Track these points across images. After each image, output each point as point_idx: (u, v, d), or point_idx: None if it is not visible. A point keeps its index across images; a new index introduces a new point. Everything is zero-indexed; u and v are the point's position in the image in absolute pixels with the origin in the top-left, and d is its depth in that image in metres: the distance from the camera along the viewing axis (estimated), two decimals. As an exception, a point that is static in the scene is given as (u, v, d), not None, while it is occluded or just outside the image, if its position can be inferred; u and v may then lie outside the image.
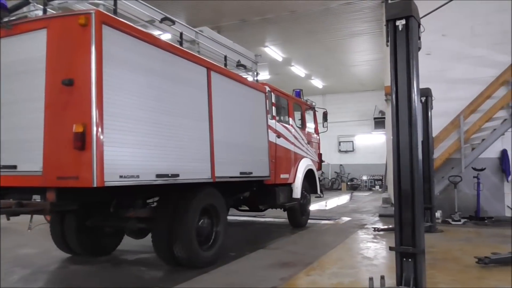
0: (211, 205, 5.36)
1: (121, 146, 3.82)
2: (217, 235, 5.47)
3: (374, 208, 12.07)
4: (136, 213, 5.03)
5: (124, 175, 3.82)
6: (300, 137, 8.58)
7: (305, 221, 8.64)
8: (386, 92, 10.75)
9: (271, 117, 7.33)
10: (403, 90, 3.60)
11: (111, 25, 3.85)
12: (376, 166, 21.71)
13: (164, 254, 4.93)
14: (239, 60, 7.12)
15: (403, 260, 3.52)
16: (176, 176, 4.54)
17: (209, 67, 5.39)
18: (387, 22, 3.71)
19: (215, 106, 5.38)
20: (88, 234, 5.54)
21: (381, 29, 12.83)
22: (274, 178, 7.15)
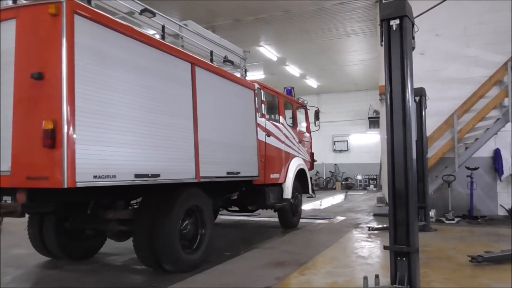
0: (196, 207, 5.15)
1: (95, 144, 3.60)
2: (203, 238, 5.24)
3: (369, 207, 12.10)
4: (116, 215, 4.81)
5: (99, 175, 3.60)
6: (291, 135, 8.39)
7: (296, 222, 8.46)
8: (381, 91, 10.79)
9: (260, 115, 7.14)
10: (397, 90, 3.62)
11: (84, 15, 3.61)
12: (371, 165, 21.79)
13: (145, 258, 4.71)
14: (226, 56, 6.85)
15: (397, 259, 3.54)
16: (157, 176, 4.32)
17: (194, 62, 5.17)
18: (381, 22, 3.72)
19: (200, 103, 5.17)
20: (68, 236, 5.32)
21: (375, 29, 12.87)
22: (263, 178, 6.99)
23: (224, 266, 5.19)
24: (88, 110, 3.55)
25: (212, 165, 5.36)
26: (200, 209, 5.22)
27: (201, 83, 5.25)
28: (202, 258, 5.16)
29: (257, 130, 6.81)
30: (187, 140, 4.92)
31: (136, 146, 4.09)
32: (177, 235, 4.67)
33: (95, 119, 3.61)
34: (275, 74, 18.07)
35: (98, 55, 3.75)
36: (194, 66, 5.16)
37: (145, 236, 4.55)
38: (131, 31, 4.21)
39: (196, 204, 5.14)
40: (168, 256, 4.57)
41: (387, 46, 3.69)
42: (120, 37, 4.03)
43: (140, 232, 4.62)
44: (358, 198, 16.76)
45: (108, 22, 3.93)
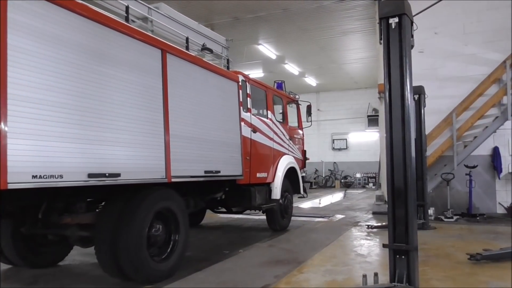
0: (167, 209, 4.62)
1: (34, 139, 3.11)
2: (176, 244, 4.72)
3: (368, 206, 12.12)
4: (75, 220, 4.36)
5: (40, 175, 3.11)
6: (280, 132, 7.89)
7: (286, 223, 7.94)
8: (380, 90, 10.78)
9: (245, 109, 6.63)
10: (396, 88, 3.62)
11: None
12: (370, 163, 21.79)
13: (108, 267, 4.21)
14: (204, 44, 6.24)
15: (396, 257, 3.54)
16: (116, 176, 3.83)
17: (164, 49, 4.65)
18: (380, 20, 3.72)
19: (172, 95, 4.68)
20: (27, 242, 4.84)
21: (374, 27, 12.86)
22: (248, 177, 6.52)
23: (223, 264, 5.19)
24: (25, 99, 3.06)
25: (186, 163, 4.88)
26: (173, 212, 4.70)
27: (174, 72, 4.74)
28: (174, 267, 4.65)
29: (241, 126, 6.33)
30: (156, 135, 4.41)
31: (89, 141, 3.60)
32: (143, 241, 4.15)
33: (35, 109, 3.13)
34: (274, 72, 18.04)
35: (39, 35, 3.23)
36: (165, 53, 4.64)
37: (107, 242, 4.06)
38: (82, 9, 3.66)
39: (167, 207, 4.61)
40: (132, 265, 4.07)
41: (386, 44, 3.68)
42: (68, 15, 3.53)
43: (101, 238, 4.12)
44: (357, 196, 16.78)
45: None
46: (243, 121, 6.42)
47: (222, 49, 6.97)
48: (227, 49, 7.16)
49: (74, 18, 3.58)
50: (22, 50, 3.09)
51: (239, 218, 9.75)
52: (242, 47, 15.17)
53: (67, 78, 3.46)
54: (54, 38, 3.38)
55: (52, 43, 3.35)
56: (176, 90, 4.76)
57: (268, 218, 7.70)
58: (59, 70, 3.39)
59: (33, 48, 3.18)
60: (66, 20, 3.50)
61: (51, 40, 3.34)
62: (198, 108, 5.23)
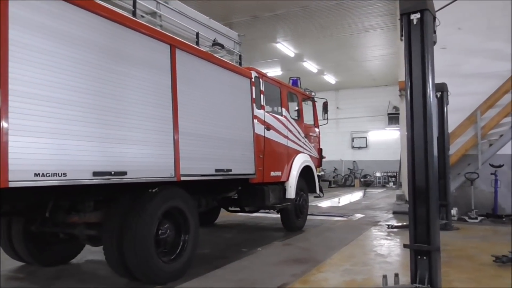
0: (176, 209, 4.49)
1: (37, 136, 3.03)
2: (185, 245, 4.58)
3: (388, 205, 11.95)
4: (82, 218, 4.29)
5: (42, 173, 3.03)
6: (295, 130, 7.70)
7: (301, 224, 7.72)
8: (400, 87, 10.61)
9: (258, 106, 6.47)
10: (418, 85, 3.54)
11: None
12: (390, 162, 21.49)
13: (116, 266, 4.15)
14: (215, 39, 6.07)
15: (418, 257, 3.47)
16: (123, 174, 3.73)
17: (174, 44, 4.51)
18: (401, 16, 3.64)
19: (182, 91, 4.55)
20: (38, 240, 4.81)
21: (394, 23, 12.64)
22: (262, 176, 6.36)
23: (241, 262, 5.21)
24: (27, 95, 2.99)
25: (196, 161, 4.74)
26: (182, 212, 4.57)
27: (183, 68, 4.61)
28: (184, 267, 4.53)
29: (254, 123, 6.16)
30: (164, 133, 4.29)
31: (94, 139, 3.49)
32: (151, 241, 4.06)
33: (36, 106, 3.05)
34: (292, 70, 17.96)
35: (42, 29, 3.15)
36: (174, 48, 4.50)
37: (114, 242, 4.00)
38: (87, 3, 3.56)
39: (176, 206, 4.49)
40: (140, 265, 3.98)
41: (407, 41, 3.60)
42: (74, 10, 3.40)
43: (108, 237, 4.06)
44: (377, 196, 16.56)
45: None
46: (256, 119, 6.27)
47: (234, 45, 6.80)
48: (239, 45, 6.99)
49: (78, 12, 3.46)
50: (23, 46, 2.99)
51: (256, 216, 9.75)
52: (260, 45, 15.18)
53: (71, 74, 3.36)
54: (57, 33, 3.27)
55: (55, 38, 3.24)
56: (185, 86, 4.64)
57: (282, 218, 7.53)
58: (61, 66, 3.29)
59: (34, 43, 3.07)
60: (69, 14, 3.37)
61: (53, 35, 3.23)
62: (209, 105, 5.09)
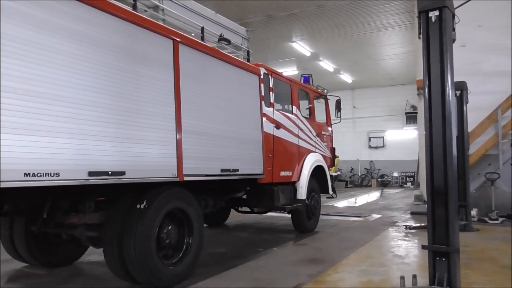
0: (179, 210, 4.34)
1: (27, 134, 2.89)
2: (189, 248, 4.43)
3: (406, 206, 11.78)
4: (82, 219, 4.14)
5: (32, 173, 2.88)
6: (306, 128, 7.45)
7: (312, 225, 7.49)
8: (418, 86, 10.45)
9: (267, 104, 6.26)
10: (436, 84, 3.48)
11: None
12: (408, 162, 21.19)
13: (116, 270, 4.01)
14: (221, 34, 5.89)
15: (436, 259, 3.42)
16: (121, 174, 3.57)
17: (176, 38, 4.34)
18: (419, 13, 3.59)
19: (185, 88, 4.38)
20: (40, 241, 4.72)
21: (412, 21, 12.46)
22: (271, 176, 6.16)
23: (257, 261, 5.21)
24: (19, 91, 2.87)
25: (201, 161, 4.57)
26: (186, 213, 4.41)
27: (187, 64, 4.44)
28: (187, 271, 4.38)
29: (263, 122, 5.96)
30: (166, 131, 4.13)
31: (89, 137, 3.34)
32: (152, 244, 3.91)
33: (27, 103, 2.92)
34: (308, 69, 17.88)
35: (37, 21, 3.02)
36: (177, 43, 4.34)
37: (114, 244, 3.87)
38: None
39: (180, 207, 4.33)
40: (140, 268, 3.83)
41: (426, 38, 3.55)
42: (68, 1, 3.28)
43: (108, 239, 3.93)
44: (394, 196, 16.35)
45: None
46: (265, 117, 6.07)
47: (242, 40, 6.61)
48: (247, 40, 6.79)
49: (72, 5, 3.32)
50: (14, 39, 2.85)
51: (271, 216, 9.75)
52: (276, 45, 15.15)
53: (65, 70, 3.20)
54: (50, 26, 3.12)
55: (47, 31, 3.09)
56: (189, 83, 4.47)
57: (293, 220, 7.31)
58: (54, 61, 3.14)
59: (26, 37, 2.93)
60: (62, 6, 3.23)
61: (46, 29, 3.09)
62: (214, 103, 4.91)
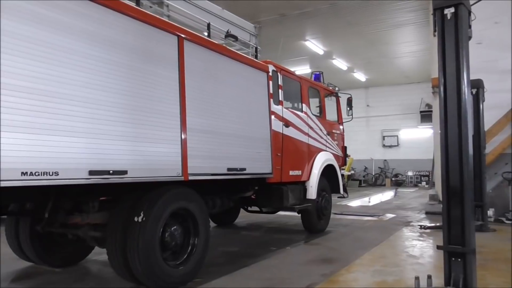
0: (184, 210, 4.25)
1: (25, 132, 2.82)
2: (194, 248, 4.33)
3: (420, 205, 11.65)
4: (85, 219, 4.09)
5: (30, 172, 2.80)
6: (317, 127, 7.29)
7: (323, 225, 7.34)
8: (433, 84, 10.30)
9: (276, 102, 6.11)
10: (452, 82, 3.43)
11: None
12: (422, 161, 20.92)
13: (119, 270, 3.93)
14: (228, 30, 5.78)
15: (452, 259, 3.38)
16: (122, 173, 3.48)
17: (181, 34, 4.24)
18: (434, 11, 3.54)
19: (190, 85, 4.29)
20: (46, 241, 4.65)
21: (427, 19, 12.29)
22: (280, 175, 6.04)
23: (269, 260, 5.22)
24: (19, 88, 2.80)
25: (206, 160, 4.47)
26: (191, 213, 4.32)
27: (192, 61, 4.35)
28: (192, 272, 4.28)
29: (272, 120, 5.83)
30: (170, 129, 4.04)
31: (89, 135, 3.26)
32: (155, 244, 3.82)
33: (26, 100, 2.85)
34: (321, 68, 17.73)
35: (36, 16, 2.94)
36: (182, 40, 4.24)
37: (117, 244, 3.81)
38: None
39: (185, 207, 4.24)
40: (143, 269, 3.74)
41: (441, 36, 3.50)
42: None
43: (111, 239, 3.86)
44: (409, 195, 16.17)
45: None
46: (273, 115, 5.93)
47: (250, 37, 6.49)
48: (255, 37, 6.67)
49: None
50: (17, 35, 2.81)
51: (285, 215, 9.73)
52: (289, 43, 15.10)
53: (64, 66, 3.12)
54: (50, 22, 3.03)
55: (47, 27, 3.01)
56: (194, 80, 4.38)
57: (303, 220, 7.19)
58: (53, 57, 3.05)
59: (25, 33, 2.86)
60: (62, 1, 3.16)
61: (46, 25, 3.01)
62: (221, 100, 4.81)
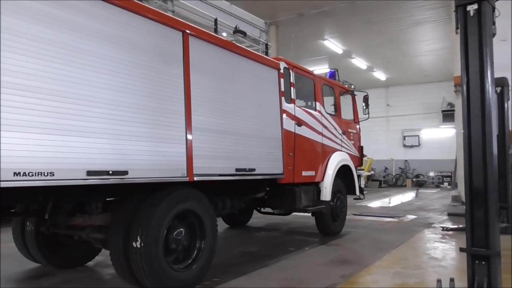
0: (190, 212, 4.11)
1: (16, 130, 2.70)
2: (200, 252, 4.19)
3: (442, 206, 11.41)
4: (87, 221, 3.98)
5: (23, 172, 2.69)
6: (331, 126, 7.10)
7: (338, 228, 7.12)
8: (456, 83, 10.10)
9: (288, 100, 5.93)
10: (475, 80, 3.35)
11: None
12: (444, 161, 20.51)
13: (122, 273, 3.83)
14: (237, 26, 5.68)
15: (475, 262, 3.29)
16: (123, 174, 3.37)
17: (186, 30, 4.10)
18: (456, 7, 3.46)
19: (195, 82, 4.15)
20: (52, 242, 4.60)
21: (448, 16, 12.05)
22: (292, 176, 5.87)
23: (288, 261, 5.21)
24: (15, 86, 2.73)
25: (213, 160, 4.32)
26: (197, 215, 4.18)
27: (197, 57, 4.22)
28: (198, 276, 4.15)
29: (283, 119, 5.67)
30: (174, 128, 3.91)
31: (88, 134, 3.15)
32: (159, 247, 3.70)
33: (21, 97, 2.76)
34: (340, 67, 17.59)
35: (36, 13, 2.88)
36: (187, 35, 4.11)
37: (120, 247, 3.71)
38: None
39: (190, 209, 4.10)
40: (146, 273, 3.63)
41: (464, 34, 3.42)
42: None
43: (113, 242, 3.76)
44: (430, 196, 15.87)
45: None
46: (285, 113, 5.77)
47: (260, 33, 6.35)
48: (266, 33, 6.51)
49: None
50: (15, 32, 2.74)
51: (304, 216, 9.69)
52: (307, 43, 15.06)
53: (61, 62, 3.01)
54: (47, 17, 2.95)
55: (42, 23, 2.92)
56: (200, 77, 4.24)
57: (317, 222, 6.95)
58: (49, 53, 2.94)
59: (21, 29, 2.79)
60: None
61: (41, 19, 2.92)
62: (228, 98, 4.67)
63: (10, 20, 2.73)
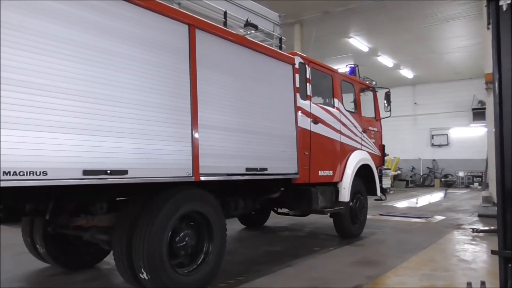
0: (197, 213, 3.97)
1: (9, 127, 2.59)
2: (207, 255, 4.03)
3: (472, 207, 11.09)
4: (90, 222, 3.90)
5: (14, 172, 2.56)
6: (351, 123, 6.81)
7: (357, 230, 6.82)
8: (487, 80, 9.79)
9: (303, 97, 5.68)
10: (508, 78, 3.25)
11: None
12: (475, 161, 19.89)
13: (126, 276, 3.72)
14: (248, 19, 5.42)
15: (508, 265, 3.19)
16: (122, 173, 3.22)
17: (192, 23, 3.93)
18: (488, 2, 3.36)
19: (202, 78, 3.98)
20: (61, 242, 4.55)
21: (479, 11, 11.68)
22: (307, 175, 5.63)
23: (314, 261, 5.19)
24: (10, 81, 2.63)
25: (221, 159, 4.13)
26: (204, 216, 4.04)
27: (204, 52, 4.04)
28: (205, 280, 3.99)
29: (298, 116, 5.44)
30: (180, 125, 3.74)
31: (85, 131, 3.00)
32: (163, 250, 3.57)
33: (11, 93, 2.63)
34: (366, 65, 17.42)
35: (35, 9, 2.79)
36: (193, 29, 3.94)
37: (123, 249, 3.60)
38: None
39: (197, 210, 3.95)
40: (151, 276, 3.51)
41: (496, 29, 3.31)
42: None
43: (117, 243, 3.66)
44: (460, 197, 15.44)
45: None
46: (300, 110, 5.52)
47: (274, 27, 6.14)
48: (280, 27, 6.26)
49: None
50: (14, 27, 2.67)
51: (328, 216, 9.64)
52: (332, 41, 14.93)
53: (56, 56, 2.88)
54: (44, 10, 2.85)
55: (38, 15, 2.81)
56: (207, 72, 4.06)
57: (335, 224, 6.66)
58: (45, 47, 2.82)
59: (29, 24, 2.74)
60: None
61: (38, 12, 2.81)
62: (238, 94, 4.49)
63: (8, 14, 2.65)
